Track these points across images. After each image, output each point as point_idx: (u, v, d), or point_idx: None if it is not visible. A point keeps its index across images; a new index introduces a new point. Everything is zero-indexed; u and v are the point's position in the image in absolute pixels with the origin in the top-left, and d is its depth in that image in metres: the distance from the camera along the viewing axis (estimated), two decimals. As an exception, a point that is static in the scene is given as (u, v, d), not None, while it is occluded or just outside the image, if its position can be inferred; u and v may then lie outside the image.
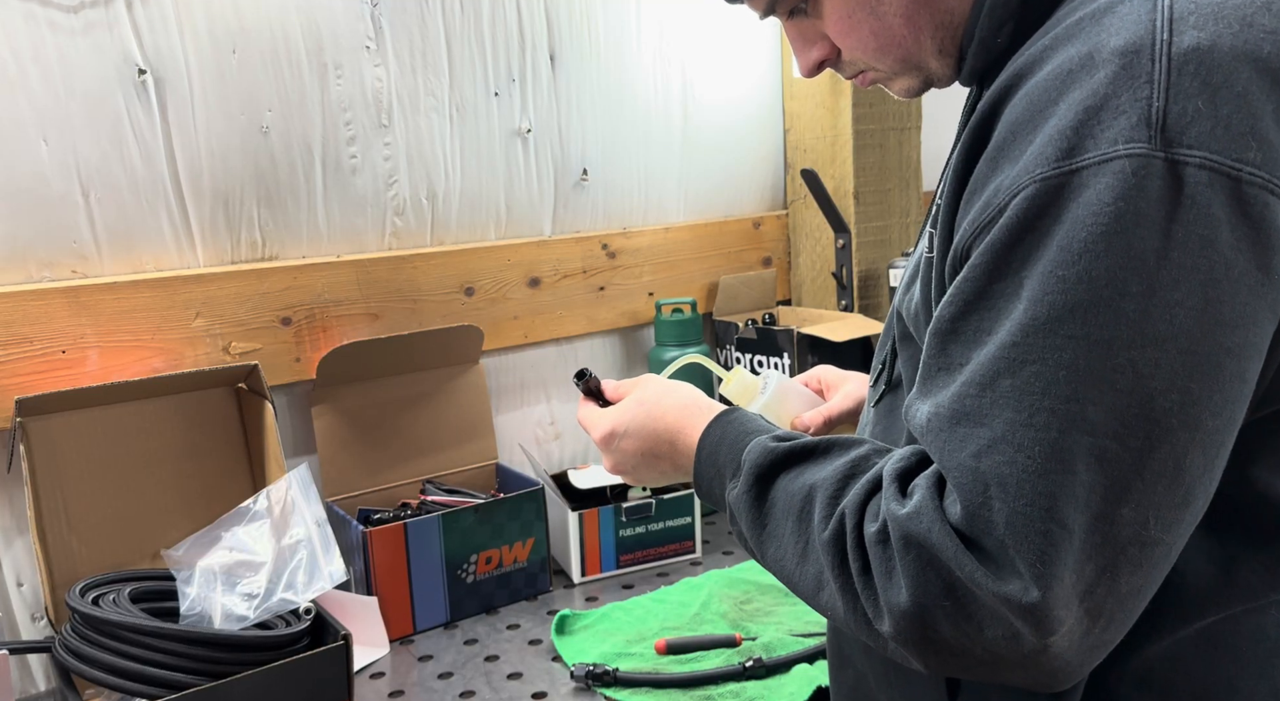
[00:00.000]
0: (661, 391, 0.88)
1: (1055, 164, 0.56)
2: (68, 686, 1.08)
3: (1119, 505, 0.55)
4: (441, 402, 1.57)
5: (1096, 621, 0.57)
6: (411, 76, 1.52)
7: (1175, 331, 0.54)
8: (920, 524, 0.59)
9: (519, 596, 1.46)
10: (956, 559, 0.57)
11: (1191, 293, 0.54)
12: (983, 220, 0.60)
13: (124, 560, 1.28)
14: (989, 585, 0.56)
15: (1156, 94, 0.54)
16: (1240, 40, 0.55)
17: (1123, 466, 0.55)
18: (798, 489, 0.69)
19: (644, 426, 0.86)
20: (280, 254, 1.44)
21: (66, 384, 1.25)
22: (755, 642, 1.26)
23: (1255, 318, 0.55)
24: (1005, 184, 0.58)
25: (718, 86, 1.88)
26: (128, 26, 1.28)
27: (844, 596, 0.64)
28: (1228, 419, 0.56)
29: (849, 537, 0.63)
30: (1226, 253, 0.54)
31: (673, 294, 1.84)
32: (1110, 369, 0.55)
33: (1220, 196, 0.54)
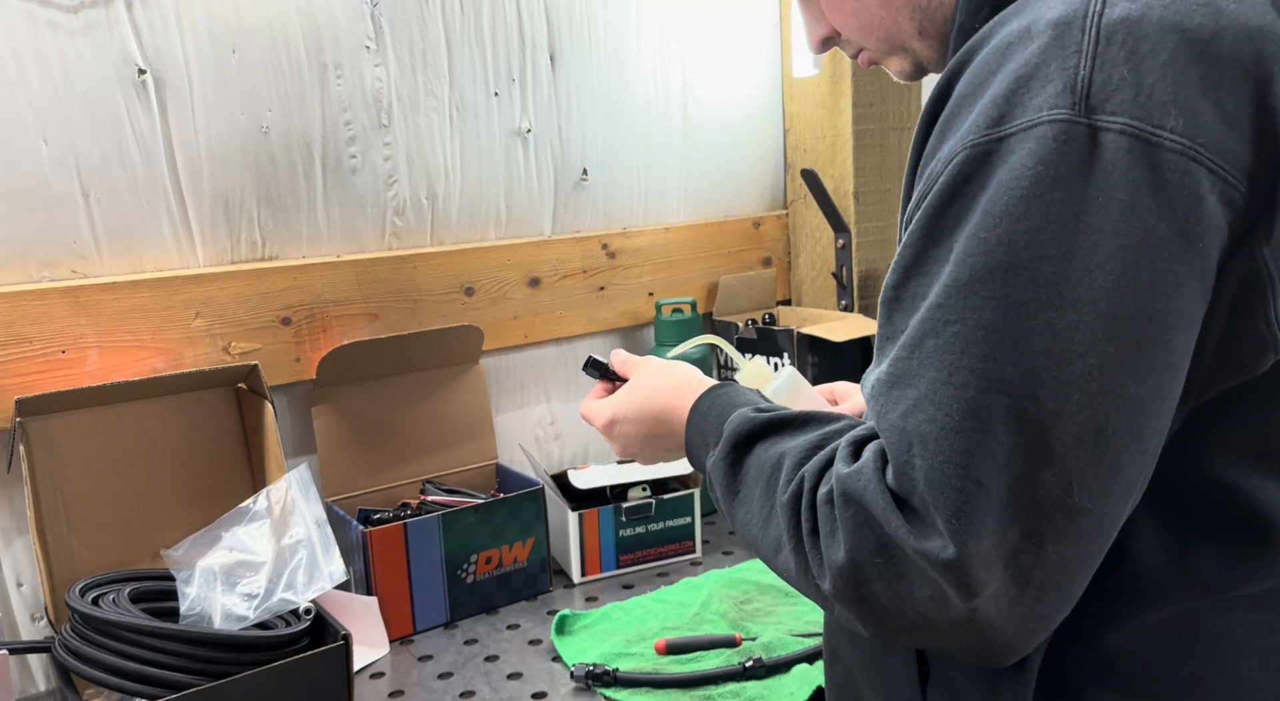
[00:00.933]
0: (657, 373, 0.92)
1: (985, 131, 0.57)
2: (67, 686, 1.08)
3: (1040, 468, 0.55)
4: (441, 402, 1.57)
5: (1026, 589, 0.56)
6: (411, 76, 1.52)
7: (1094, 295, 0.54)
8: (858, 481, 0.60)
9: (519, 596, 1.46)
10: (885, 515, 0.58)
11: (1110, 257, 0.54)
12: (924, 190, 0.61)
13: (124, 560, 1.28)
14: (911, 541, 0.57)
15: (1083, 63, 0.55)
16: (1170, 12, 0.55)
17: (1041, 428, 0.55)
18: (770, 457, 0.71)
19: (640, 409, 0.89)
20: (280, 254, 1.44)
21: (66, 384, 1.25)
22: (755, 642, 1.26)
23: (1179, 285, 0.55)
24: (944, 154, 0.60)
25: (718, 86, 1.88)
26: (127, 26, 1.28)
27: (795, 556, 0.65)
28: (1154, 388, 0.56)
29: (804, 499, 0.65)
30: (1146, 218, 0.54)
31: (673, 294, 1.84)
32: (1028, 330, 0.55)
33: (1140, 162, 0.54)
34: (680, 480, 1.59)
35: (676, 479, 1.59)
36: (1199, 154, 0.54)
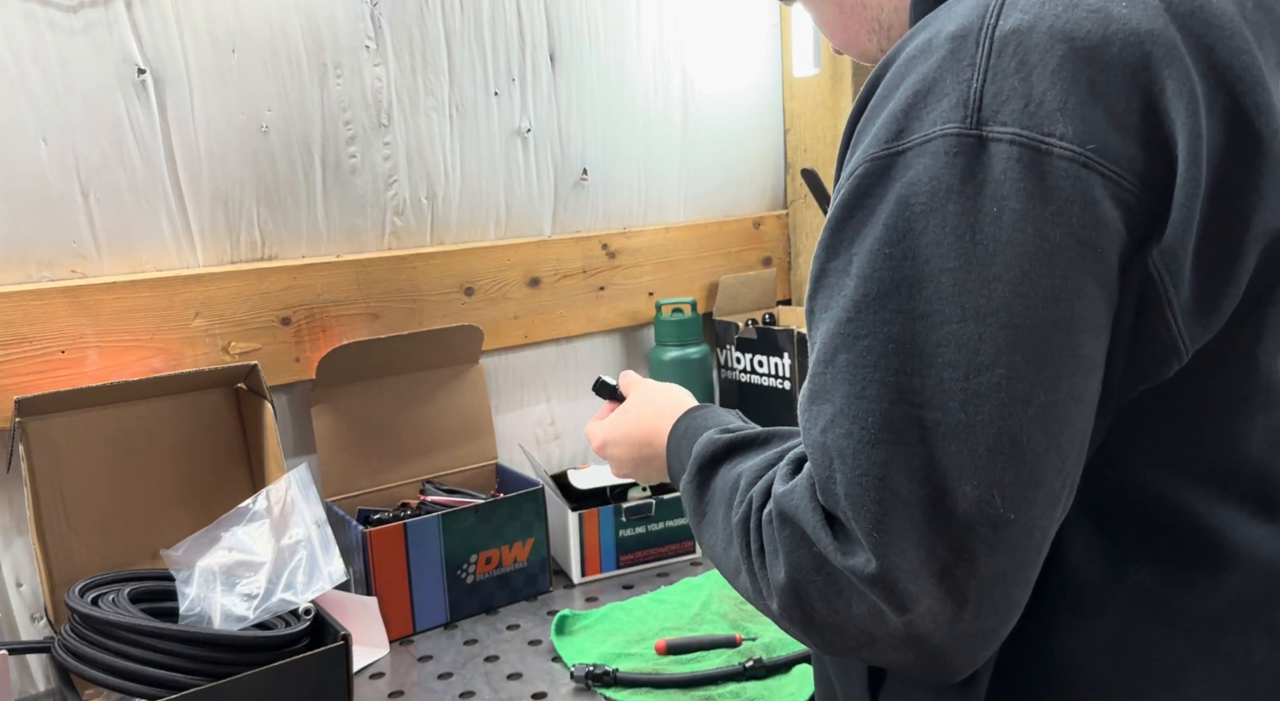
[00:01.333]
0: (646, 396, 0.98)
1: (884, 145, 0.58)
2: (67, 686, 1.08)
3: (958, 481, 0.55)
4: (441, 402, 1.57)
5: (964, 606, 0.56)
6: (411, 76, 1.52)
7: (994, 306, 0.55)
8: (791, 500, 0.61)
9: (519, 596, 1.46)
10: (816, 533, 0.59)
11: (1008, 267, 0.54)
12: (832, 203, 0.62)
13: (124, 560, 1.28)
14: (839, 558, 0.58)
15: (976, 75, 0.56)
16: (1061, 21, 0.55)
17: (955, 440, 0.55)
18: (731, 477, 0.73)
19: (627, 434, 0.95)
20: (280, 254, 1.44)
21: (66, 384, 1.25)
22: (755, 642, 1.26)
23: (1079, 290, 0.55)
24: (849, 167, 0.61)
25: (718, 86, 1.88)
26: (127, 26, 1.27)
27: (750, 578, 0.66)
28: (1067, 394, 0.56)
29: (751, 520, 0.66)
30: (1040, 225, 0.54)
31: (673, 294, 1.84)
32: (934, 343, 0.56)
33: (1031, 170, 0.54)
34: (680, 480, 1.59)
35: (676, 479, 1.59)
36: (1090, 159, 0.54)
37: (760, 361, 1.78)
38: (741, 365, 1.82)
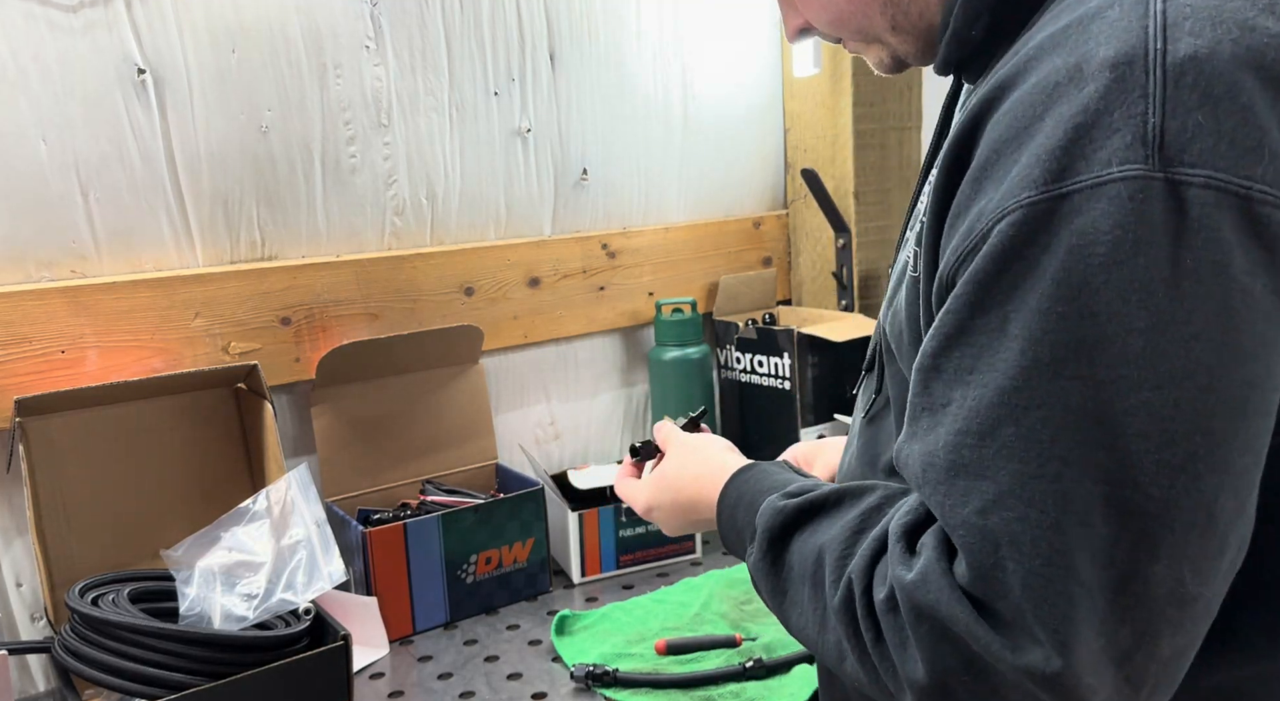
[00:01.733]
0: (681, 462, 0.90)
1: (1043, 187, 0.52)
2: (67, 686, 1.08)
3: (1150, 562, 0.50)
4: (441, 402, 1.57)
5: (1140, 690, 0.52)
6: (411, 76, 1.52)
7: (1192, 367, 0.50)
8: (929, 593, 0.55)
9: (519, 596, 1.46)
10: (971, 631, 0.53)
11: (1208, 324, 0.50)
12: (965, 248, 0.55)
13: (124, 560, 1.28)
14: (1008, 658, 0.52)
15: (1152, 109, 0.50)
16: (1241, 47, 0.50)
17: (1147, 518, 0.50)
18: (810, 551, 0.66)
19: (672, 500, 0.89)
20: (280, 254, 1.44)
21: (66, 384, 1.25)
22: (755, 643, 1.26)
23: (1275, 344, 0.51)
24: (989, 209, 0.54)
25: (718, 86, 1.88)
26: (127, 26, 1.27)
27: (864, 667, 0.61)
28: (1255, 456, 0.52)
29: (858, 605, 0.60)
30: (1241, 278, 0.50)
31: (673, 294, 1.84)
32: (1122, 412, 0.50)
33: (1229, 217, 0.49)
34: (680, 480, 1.59)
35: (676, 479, 1.59)
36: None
37: (760, 361, 1.78)
38: (741, 365, 1.82)
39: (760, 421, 1.80)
